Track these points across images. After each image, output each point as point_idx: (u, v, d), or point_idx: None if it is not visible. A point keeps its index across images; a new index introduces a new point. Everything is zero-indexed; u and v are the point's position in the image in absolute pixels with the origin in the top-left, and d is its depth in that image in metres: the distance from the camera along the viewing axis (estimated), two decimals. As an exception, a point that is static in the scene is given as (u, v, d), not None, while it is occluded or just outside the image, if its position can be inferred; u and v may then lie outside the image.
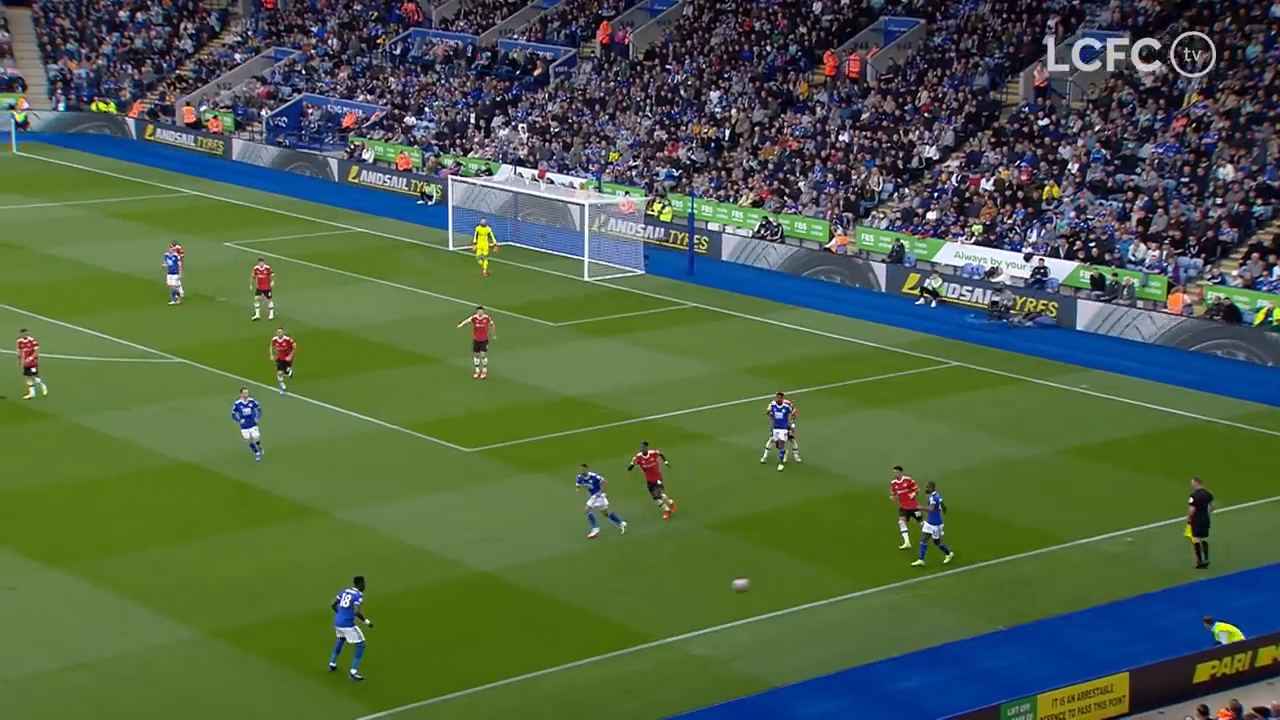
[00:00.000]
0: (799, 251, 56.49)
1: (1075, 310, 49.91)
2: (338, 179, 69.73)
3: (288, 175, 71.37)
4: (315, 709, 25.52)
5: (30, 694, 25.50)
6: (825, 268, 55.80)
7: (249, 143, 73.94)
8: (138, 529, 32.07)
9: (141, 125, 77.21)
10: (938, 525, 31.03)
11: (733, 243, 57.88)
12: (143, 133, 77.14)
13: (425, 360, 44.51)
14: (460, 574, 30.84)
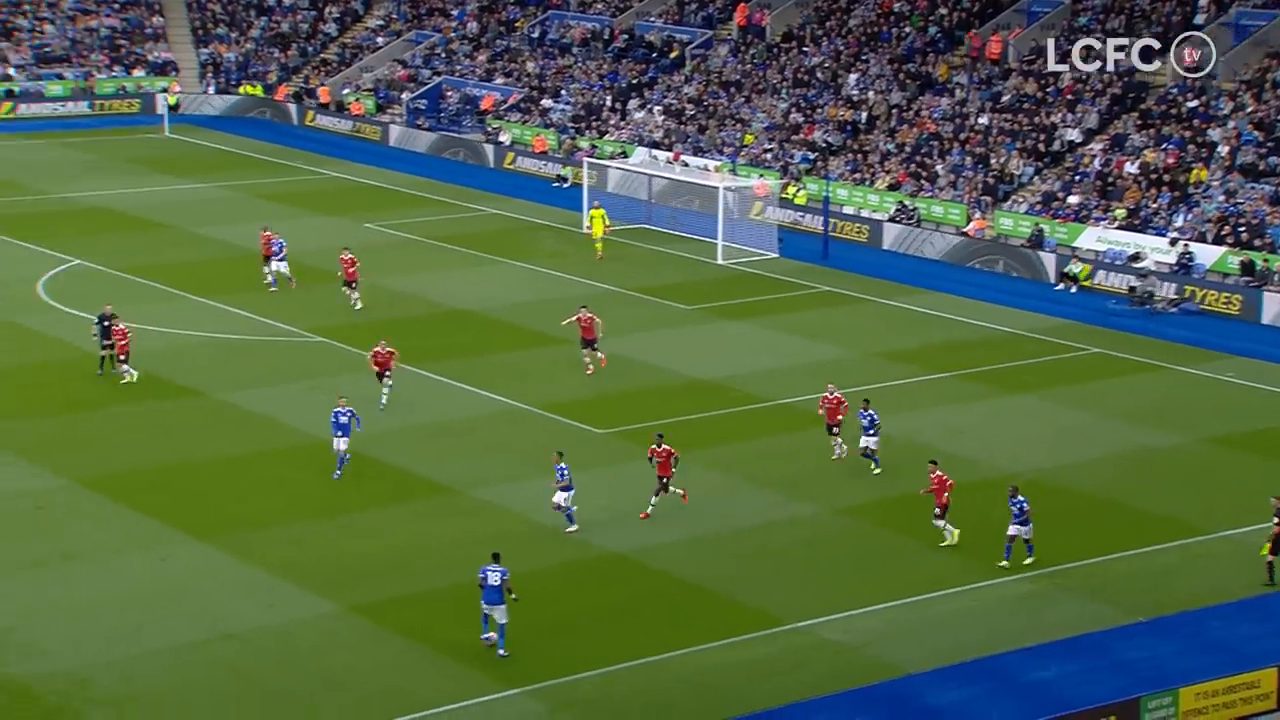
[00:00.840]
0: (962, 242, 55.15)
1: (1259, 303, 48.08)
2: (493, 164, 69.84)
3: (436, 160, 71.90)
4: (449, 685, 25.88)
5: (178, 663, 26.21)
6: (988, 257, 54.40)
7: (406, 129, 74.36)
8: (280, 504, 32.77)
9: (301, 111, 78.43)
10: (1026, 526, 30.08)
11: (893, 231, 56.74)
12: (302, 118, 78.31)
13: (559, 342, 44.81)
14: (591, 554, 31.05)
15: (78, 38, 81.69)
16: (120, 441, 35.87)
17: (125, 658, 26.21)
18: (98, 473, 33.83)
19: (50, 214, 57.97)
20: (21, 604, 27.94)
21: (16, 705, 24.68)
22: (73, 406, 38.01)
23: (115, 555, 30.14)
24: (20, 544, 30.43)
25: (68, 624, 27.27)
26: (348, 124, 76.45)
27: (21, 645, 26.35)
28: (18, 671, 25.54)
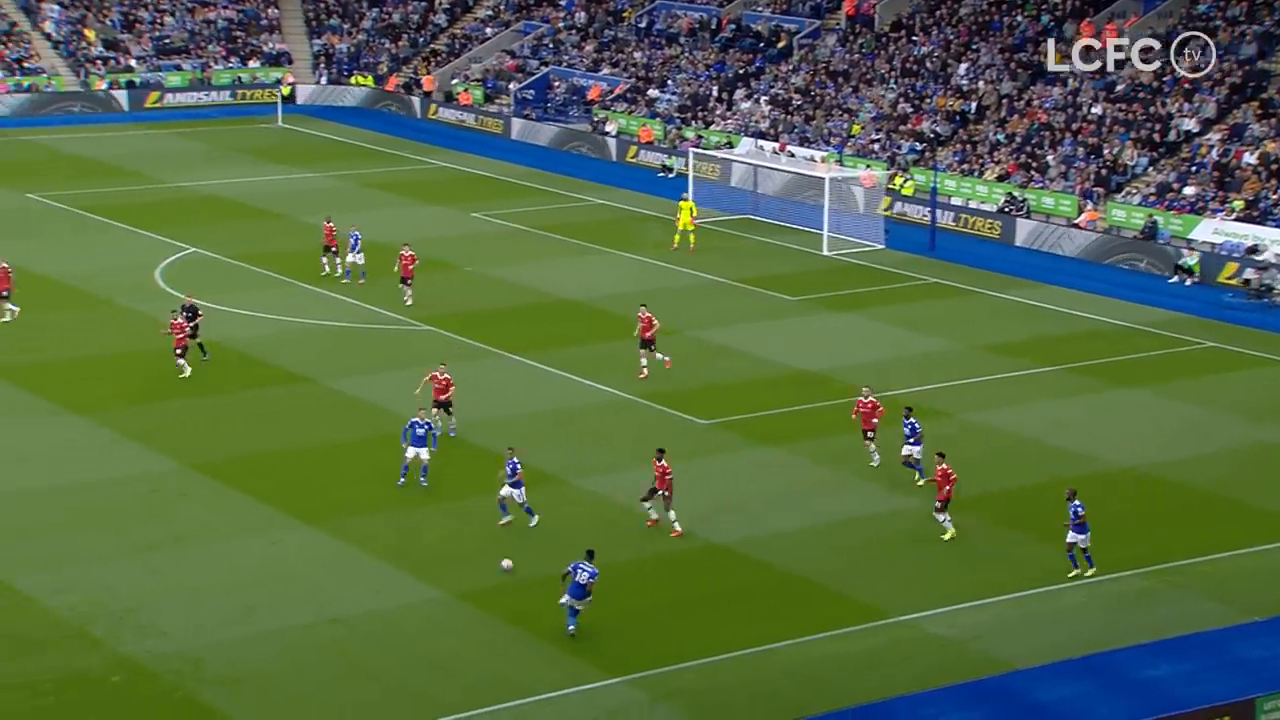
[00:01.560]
0: (1102, 239, 54.07)
1: None
2: (615, 158, 69.69)
3: (546, 151, 72.01)
4: (553, 673, 26.01)
5: (287, 645, 26.60)
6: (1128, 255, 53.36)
7: (528, 122, 74.33)
8: (387, 491, 33.11)
9: (425, 104, 78.85)
10: (1083, 534, 29.15)
11: (1027, 228, 55.63)
12: (426, 111, 78.72)
13: (662, 332, 44.80)
14: (694, 545, 31.03)
15: (196, 29, 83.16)
16: (232, 427, 36.47)
17: (236, 639, 26.66)
18: (210, 458, 34.42)
19: (167, 203, 59.08)
20: (138, 585, 28.52)
21: (135, 684, 25.22)
22: (186, 392, 38.69)
23: (226, 539, 30.66)
24: (136, 527, 31.06)
25: (182, 606, 27.79)
26: (470, 116, 76.40)
27: (139, 626, 26.90)
28: (136, 650, 26.09)
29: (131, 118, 76.14)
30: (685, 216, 54.19)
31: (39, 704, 24.48)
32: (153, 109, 77.85)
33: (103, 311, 44.59)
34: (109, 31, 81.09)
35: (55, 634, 26.54)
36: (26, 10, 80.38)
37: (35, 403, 37.28)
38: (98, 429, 35.85)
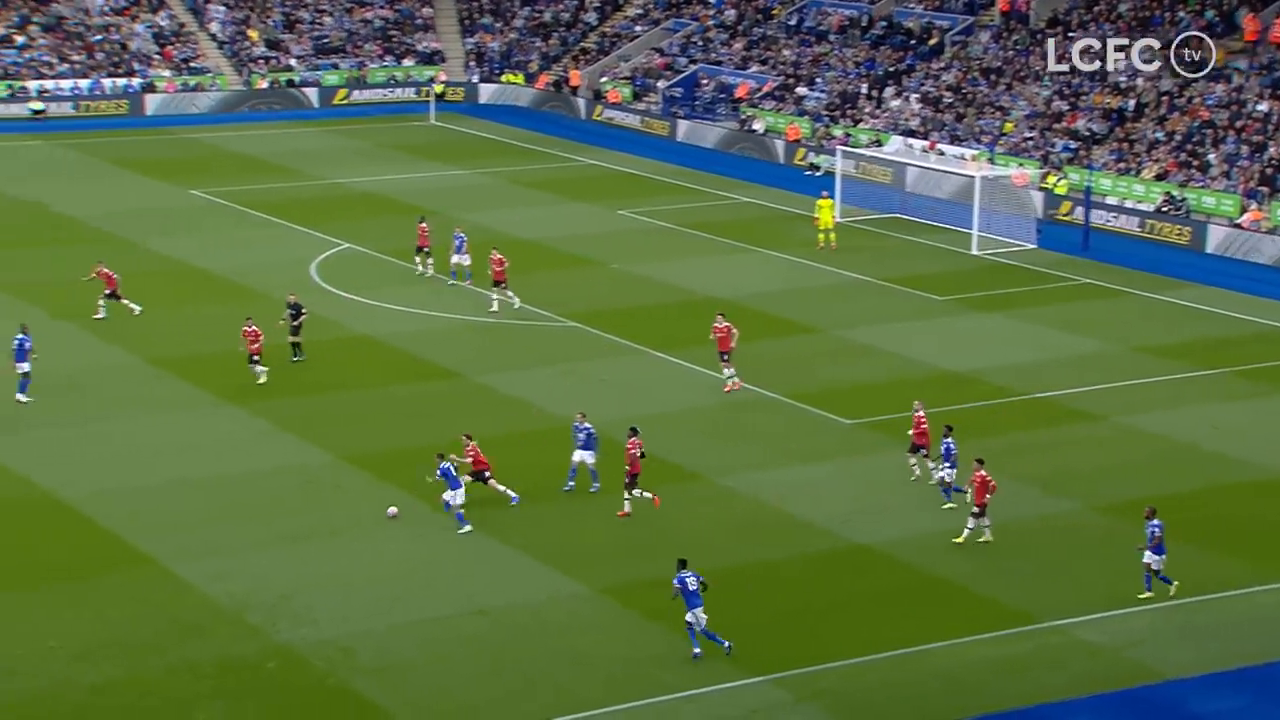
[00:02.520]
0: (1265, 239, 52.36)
1: None
2: (783, 160, 68.83)
3: (697, 149, 71.74)
4: (696, 670, 26.04)
5: (434, 636, 27.01)
6: None
7: (694, 124, 73.73)
8: (534, 485, 33.42)
9: (590, 105, 79.11)
10: (1160, 555, 28.14)
11: (1219, 234, 53.67)
12: (591, 112, 78.98)
13: (808, 330, 44.65)
14: (837, 545, 30.87)
15: (353, 29, 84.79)
16: (383, 420, 37.10)
17: (386, 629, 27.14)
18: (362, 450, 35.06)
19: (324, 199, 60.30)
20: (292, 574, 29.17)
21: (289, 670, 25.82)
22: (339, 385, 39.46)
23: (376, 530, 31.21)
24: (290, 517, 31.77)
25: (333, 595, 28.36)
26: (635, 118, 76.00)
27: (293, 614, 27.53)
28: (290, 638, 26.70)
29: (287, 115, 77.79)
30: (826, 215, 53.85)
31: (199, 688, 25.18)
32: (324, 107, 79.43)
33: (260, 305, 45.65)
34: (271, 32, 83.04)
35: (215, 620, 27.26)
36: (194, 11, 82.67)
37: (195, 394, 38.32)
38: (253, 420, 36.73)
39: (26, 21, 77.94)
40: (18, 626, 26.73)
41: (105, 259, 45.26)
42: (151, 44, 79.70)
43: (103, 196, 58.91)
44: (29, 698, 24.66)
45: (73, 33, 78.35)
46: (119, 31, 79.62)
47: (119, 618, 27.22)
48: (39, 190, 59.34)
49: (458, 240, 47.87)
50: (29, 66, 75.71)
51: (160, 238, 52.98)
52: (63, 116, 73.64)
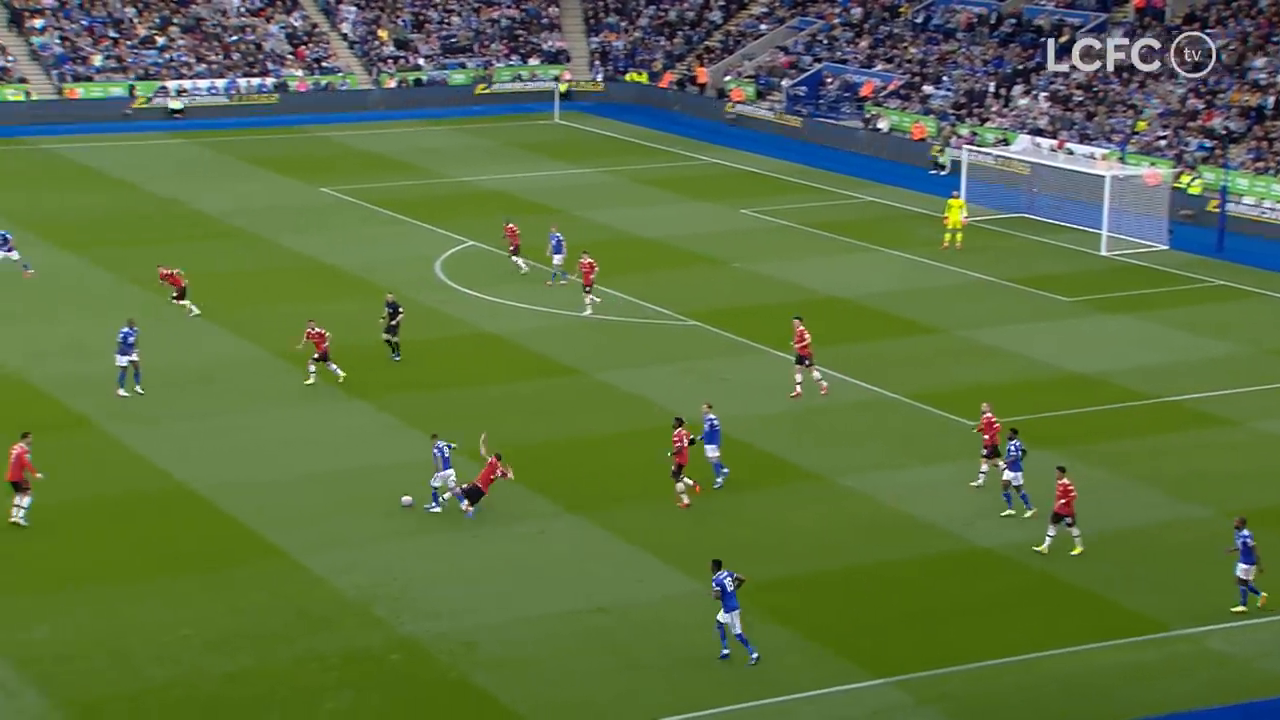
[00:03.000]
0: None
1: None
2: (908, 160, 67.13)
3: (832, 151, 70.46)
4: (816, 670, 25.99)
5: (555, 631, 27.22)
6: None
7: (818, 122, 72.76)
8: (651, 482, 33.54)
9: (714, 104, 78.64)
10: (1250, 565, 27.47)
11: None
12: (715, 111, 78.38)
13: (930, 331, 44.26)
14: (959, 547, 30.59)
15: (480, 28, 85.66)
16: (504, 416, 37.43)
17: (507, 623, 27.42)
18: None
19: (449, 197, 61.03)
20: (416, 568, 29.57)
21: (413, 663, 26.19)
22: (461, 381, 39.89)
23: (498, 525, 31.54)
24: (415, 511, 32.16)
25: (456, 589, 28.72)
26: (762, 115, 75.25)
27: (418, 607, 27.92)
28: (414, 631, 27.10)
29: (411, 114, 78.73)
30: (955, 215, 53.29)
31: (326, 678, 25.64)
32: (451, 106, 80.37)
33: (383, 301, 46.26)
34: (400, 31, 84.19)
35: (341, 612, 27.74)
36: (326, 12, 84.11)
37: (323, 389, 38.93)
38: (379, 414, 37.30)
39: (167, 23, 79.89)
40: (154, 615, 27.42)
41: (234, 253, 46.02)
42: (285, 44, 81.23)
43: (236, 193, 60.18)
44: (165, 685, 25.30)
45: (210, 34, 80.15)
46: (254, 32, 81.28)
47: (249, 608, 27.82)
48: (176, 188, 60.80)
49: (554, 240, 48.06)
50: (169, 67, 77.61)
51: (291, 234, 54.00)
52: (200, 115, 75.34)
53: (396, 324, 40.79)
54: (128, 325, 37.83)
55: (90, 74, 75.97)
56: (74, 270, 48.95)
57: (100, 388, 37.70)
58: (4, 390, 38.04)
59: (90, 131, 71.10)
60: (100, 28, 78.42)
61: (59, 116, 73.02)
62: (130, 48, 77.93)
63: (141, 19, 79.60)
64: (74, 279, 47.94)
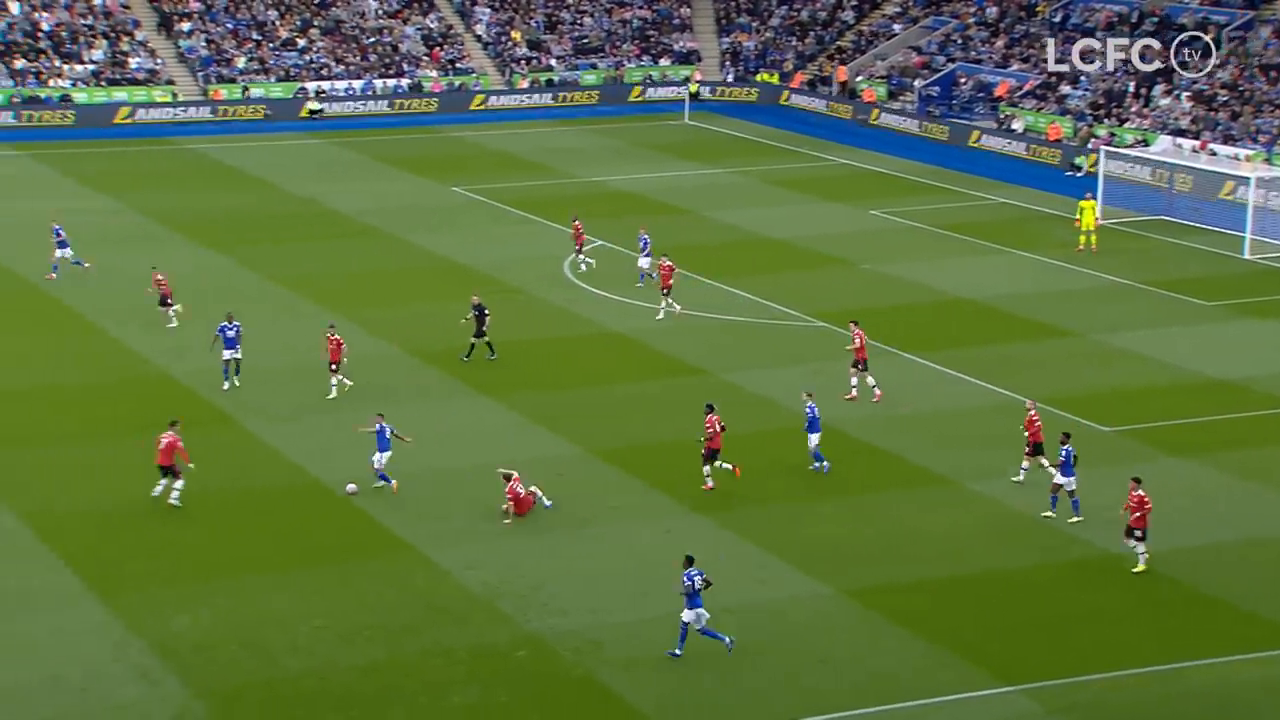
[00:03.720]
0: None
1: None
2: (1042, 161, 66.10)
3: (965, 151, 69.74)
4: (943, 675, 25.68)
5: (675, 632, 27.18)
6: None
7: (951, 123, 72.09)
8: (777, 484, 33.42)
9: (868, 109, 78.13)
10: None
11: None
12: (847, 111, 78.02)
13: (1063, 334, 43.53)
14: (1093, 554, 30.03)
15: (612, 29, 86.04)
16: (630, 415, 37.53)
17: (632, 622, 27.48)
18: (610, 445, 35.56)
19: (579, 197, 61.32)
20: (541, 565, 29.72)
21: (538, 659, 26.35)
22: (590, 380, 40.07)
23: (624, 523, 31.63)
24: (541, 508, 32.38)
25: (581, 587, 28.83)
26: (913, 123, 74.42)
27: (544, 604, 28.08)
28: (540, 628, 27.27)
29: (548, 114, 79.34)
30: (1089, 217, 52.35)
31: (454, 672, 25.89)
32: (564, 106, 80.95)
33: (516, 300, 46.74)
34: (532, 33, 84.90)
35: (468, 607, 28.00)
36: (461, 14, 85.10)
37: (453, 385, 39.42)
38: (508, 412, 37.60)
39: (308, 25, 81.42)
40: (288, 607, 27.91)
41: (368, 252, 46.57)
42: (420, 46, 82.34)
43: (370, 193, 61.11)
44: (299, 676, 25.73)
45: (349, 36, 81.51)
46: (391, 34, 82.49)
47: (379, 602, 28.19)
48: (313, 187, 61.92)
49: (642, 242, 47.90)
50: (309, 69, 79.12)
51: (423, 233, 54.68)
52: (337, 116, 76.66)
53: (484, 326, 40.52)
54: (226, 320, 38.56)
55: (234, 75, 77.71)
56: (217, 268, 50.04)
57: (240, 383, 38.52)
58: (149, 386, 39.00)
59: (233, 132, 72.72)
60: (244, 30, 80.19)
61: (204, 118, 74.78)
62: (272, 50, 79.59)
63: (283, 22, 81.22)
64: (217, 277, 48.99)
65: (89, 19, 77.88)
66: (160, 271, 43.84)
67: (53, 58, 75.56)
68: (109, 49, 76.78)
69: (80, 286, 46.76)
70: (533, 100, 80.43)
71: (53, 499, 32.13)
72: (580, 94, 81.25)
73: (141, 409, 36.79)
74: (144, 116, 73.99)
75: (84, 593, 28.07)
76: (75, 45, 76.31)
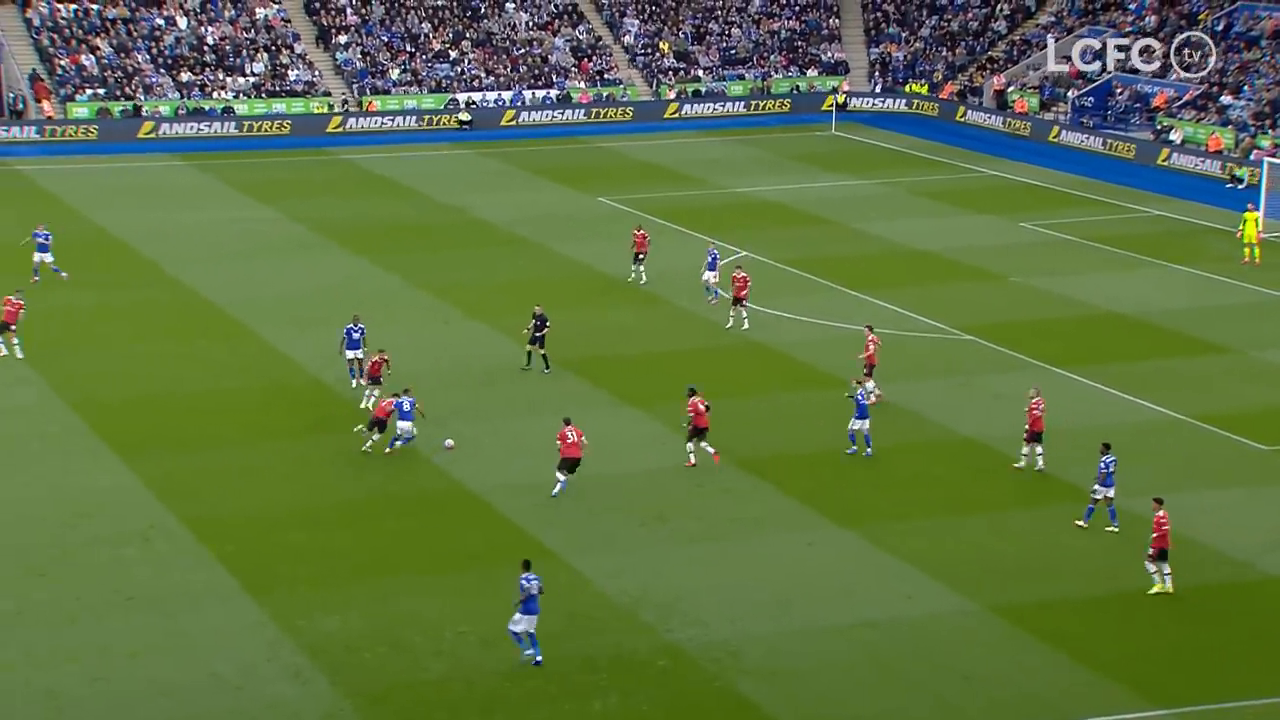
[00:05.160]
0: None
1: None
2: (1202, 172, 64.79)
3: (1120, 163, 68.67)
4: (1090, 695, 25.27)
5: (821, 644, 27.12)
6: None
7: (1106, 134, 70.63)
8: (922, 498, 33.13)
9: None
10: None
11: None
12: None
13: (1220, 350, 42.50)
14: (1250, 576, 29.28)
15: (760, 40, 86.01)
16: (773, 427, 37.39)
17: (773, 633, 27.44)
18: (750, 455, 35.48)
19: (725, 207, 61.37)
20: (682, 575, 29.80)
21: (679, 669, 26.44)
22: (733, 391, 39.82)
23: (765, 535, 31.57)
24: (682, 518, 32.44)
25: (722, 598, 28.83)
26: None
27: (685, 614, 28.15)
28: (681, 638, 27.35)
29: (683, 126, 79.46)
30: (1250, 229, 51.05)
31: (595, 680, 26.09)
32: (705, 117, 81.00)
33: (659, 311, 46.91)
34: (680, 44, 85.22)
35: (610, 615, 28.18)
36: (610, 25, 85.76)
37: (596, 394, 39.72)
38: (651, 422, 37.75)
39: (460, 38, 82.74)
40: (434, 610, 28.34)
41: (514, 261, 46.90)
42: (569, 57, 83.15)
43: (518, 203, 61.79)
44: (444, 679, 26.12)
45: (500, 47, 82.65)
46: (540, 45, 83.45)
47: (521, 607, 28.51)
48: (461, 197, 62.82)
49: (710, 256, 47.51)
50: (460, 80, 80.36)
51: (568, 242, 55.14)
52: (488, 126, 77.69)
53: (542, 335, 40.58)
54: (352, 322, 39.26)
55: (388, 87, 79.23)
56: (366, 275, 51.03)
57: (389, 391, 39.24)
58: (304, 391, 39.88)
59: (386, 143, 74.11)
60: (398, 43, 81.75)
61: (360, 129, 76.27)
62: (425, 61, 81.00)
63: (436, 34, 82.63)
64: (367, 284, 49.96)
65: (251, 33, 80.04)
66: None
67: (216, 70, 77.79)
68: (269, 62, 78.83)
69: (239, 293, 47.99)
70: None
71: (212, 502, 33.03)
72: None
73: (294, 414, 37.69)
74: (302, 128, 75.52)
75: (239, 593, 28.84)
76: (238, 59, 78.47)
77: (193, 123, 74.34)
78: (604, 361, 41.89)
